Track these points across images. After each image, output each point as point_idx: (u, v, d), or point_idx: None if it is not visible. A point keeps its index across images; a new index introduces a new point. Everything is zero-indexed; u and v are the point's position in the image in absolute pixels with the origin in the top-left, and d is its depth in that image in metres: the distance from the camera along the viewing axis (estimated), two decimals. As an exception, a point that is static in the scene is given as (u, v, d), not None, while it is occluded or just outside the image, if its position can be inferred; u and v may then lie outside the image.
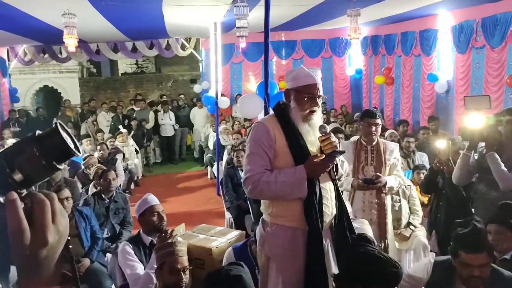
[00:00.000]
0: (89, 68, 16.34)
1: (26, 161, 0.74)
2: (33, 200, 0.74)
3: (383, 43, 10.33)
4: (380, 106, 10.73)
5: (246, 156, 2.57)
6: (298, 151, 2.50)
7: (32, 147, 0.75)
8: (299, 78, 2.52)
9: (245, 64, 12.14)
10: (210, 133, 10.08)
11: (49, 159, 0.75)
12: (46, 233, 0.73)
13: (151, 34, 10.57)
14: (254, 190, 2.49)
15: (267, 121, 2.62)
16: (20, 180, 0.74)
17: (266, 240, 2.59)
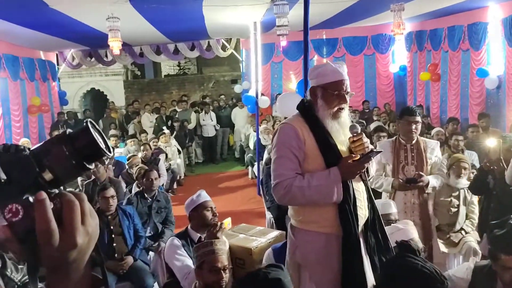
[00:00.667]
0: (133, 70, 16.78)
1: (55, 161, 0.72)
2: (62, 201, 0.72)
3: (428, 38, 9.97)
4: (426, 104, 10.38)
5: (274, 160, 2.44)
6: (329, 152, 2.39)
7: (62, 147, 0.73)
8: (326, 75, 2.40)
9: (286, 63, 12.07)
10: (250, 133, 10.09)
11: (79, 159, 0.74)
12: (75, 234, 0.71)
13: (192, 35, 10.71)
14: (285, 197, 2.36)
15: (293, 121, 2.47)
16: (50, 180, 0.73)
17: (297, 247, 2.47)
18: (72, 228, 0.71)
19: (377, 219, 2.48)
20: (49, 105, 10.76)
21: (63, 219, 0.70)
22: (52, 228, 0.68)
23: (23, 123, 9.23)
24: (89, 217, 0.74)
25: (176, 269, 2.98)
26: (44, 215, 0.68)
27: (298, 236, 2.47)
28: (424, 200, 3.58)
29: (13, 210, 0.68)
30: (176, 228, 5.07)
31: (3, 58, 8.41)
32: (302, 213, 2.45)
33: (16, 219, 0.68)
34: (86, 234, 0.72)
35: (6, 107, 8.45)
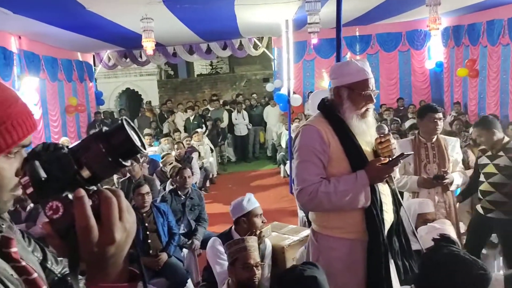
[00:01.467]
0: (166, 70, 17.05)
1: (92, 158, 0.74)
2: (100, 197, 0.73)
3: (466, 33, 9.67)
4: (463, 101, 10.08)
5: (297, 164, 2.31)
6: (355, 154, 2.27)
7: (98, 144, 0.74)
8: (351, 74, 2.28)
9: (318, 61, 11.97)
10: (282, 131, 10.08)
11: (115, 156, 0.75)
12: (114, 230, 0.72)
13: (224, 34, 10.79)
14: (311, 203, 2.26)
15: (316, 123, 2.34)
16: (88, 177, 0.74)
17: (321, 253, 2.36)
18: (110, 224, 0.72)
19: (400, 223, 2.39)
20: (85, 105, 11.08)
21: (101, 215, 0.72)
22: (92, 225, 0.70)
23: (61, 123, 9.53)
24: (127, 213, 0.75)
25: (217, 273, 2.98)
26: (84, 212, 0.70)
27: (321, 242, 2.38)
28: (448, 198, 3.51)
29: (54, 207, 0.70)
30: (210, 226, 5.13)
31: (42, 60, 8.71)
32: (325, 218, 2.36)
33: (56, 216, 0.70)
34: (123, 230, 0.74)
35: (45, 108, 8.75)
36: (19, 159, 0.89)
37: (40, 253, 1.14)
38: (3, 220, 1.00)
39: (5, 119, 0.85)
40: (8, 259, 0.92)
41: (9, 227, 1.01)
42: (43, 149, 0.75)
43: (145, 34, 6.57)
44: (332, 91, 2.40)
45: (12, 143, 0.86)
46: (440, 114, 3.52)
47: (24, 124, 0.88)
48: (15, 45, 7.56)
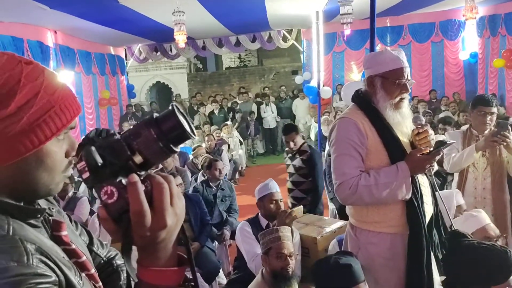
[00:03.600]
0: (195, 63, 17.20)
1: (144, 144, 0.75)
2: (152, 183, 0.74)
3: (503, 22, 9.34)
4: (498, 93, 9.77)
5: (335, 158, 2.26)
6: (394, 146, 2.22)
7: (149, 130, 0.75)
8: (385, 63, 2.22)
9: (348, 53, 11.83)
10: (312, 124, 10.03)
11: (166, 142, 0.76)
12: (165, 215, 0.74)
13: (254, 27, 10.79)
14: (351, 197, 2.20)
15: (352, 115, 2.29)
16: (140, 163, 0.75)
17: (360, 249, 2.30)
18: (162, 209, 0.74)
19: (440, 215, 2.33)
20: (117, 98, 11.31)
21: (154, 200, 0.74)
22: (145, 209, 0.72)
23: (95, 115, 9.77)
24: (177, 198, 0.77)
25: (245, 251, 3.06)
26: (137, 197, 0.71)
27: (360, 237, 2.33)
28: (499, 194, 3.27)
29: (109, 192, 0.72)
30: (240, 217, 5.17)
31: (77, 54, 8.93)
32: (364, 212, 2.31)
33: (111, 201, 0.72)
34: (174, 215, 0.75)
35: (80, 100, 8.96)
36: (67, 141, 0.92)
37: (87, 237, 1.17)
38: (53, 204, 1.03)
39: (54, 103, 0.87)
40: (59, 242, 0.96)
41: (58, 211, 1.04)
42: (96, 135, 0.77)
43: (177, 27, 6.64)
44: (366, 81, 2.36)
45: (62, 126, 0.88)
46: (493, 108, 3.28)
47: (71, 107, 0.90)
48: (51, 40, 7.78)
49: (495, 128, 3.13)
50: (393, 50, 2.30)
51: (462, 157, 3.26)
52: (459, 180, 3.42)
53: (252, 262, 2.91)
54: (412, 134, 2.27)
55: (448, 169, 3.42)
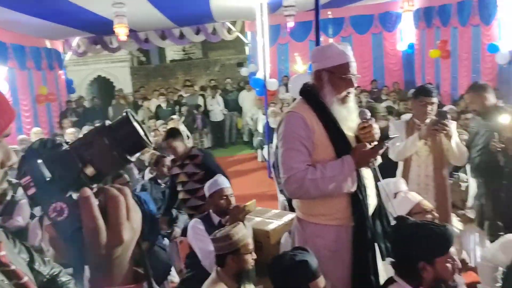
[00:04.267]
0: (138, 57, 16.74)
1: (97, 154, 0.70)
2: (107, 196, 0.69)
3: (437, 14, 9.80)
4: (435, 82, 10.25)
5: (282, 152, 2.28)
6: (339, 140, 2.26)
7: (102, 139, 0.70)
8: (331, 57, 2.25)
9: (292, 44, 11.95)
10: (259, 116, 10.07)
11: (121, 151, 0.71)
12: (122, 231, 0.68)
13: (197, 19, 10.64)
14: (299, 191, 2.24)
15: (300, 109, 2.31)
16: (92, 175, 0.70)
17: (307, 242, 2.34)
18: (118, 224, 0.68)
19: (382, 206, 2.42)
20: (56, 94, 10.76)
21: (109, 215, 0.68)
22: (100, 226, 0.66)
23: (32, 113, 9.26)
24: (134, 212, 0.72)
25: (199, 249, 3.01)
26: (91, 212, 0.66)
27: (307, 230, 2.37)
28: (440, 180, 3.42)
29: (58, 209, 0.67)
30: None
31: (10, 48, 8.40)
32: (311, 205, 2.35)
33: (61, 218, 0.66)
34: (131, 230, 0.70)
35: (15, 97, 8.47)
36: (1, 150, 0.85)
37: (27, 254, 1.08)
38: None
39: None
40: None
41: None
42: (41, 146, 0.71)
43: (117, 20, 6.41)
44: (313, 75, 2.37)
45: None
46: (434, 98, 3.40)
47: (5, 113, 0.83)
48: (-21, 33, 7.27)
49: (436, 117, 3.27)
50: (339, 44, 2.32)
51: (406, 146, 3.38)
52: (403, 168, 3.54)
53: (207, 260, 2.87)
54: (358, 128, 2.31)
55: (393, 157, 3.54)
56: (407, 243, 2.00)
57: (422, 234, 1.96)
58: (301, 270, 1.91)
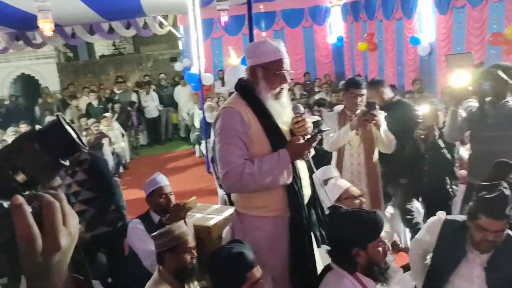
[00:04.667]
0: (65, 52, 15.92)
1: (28, 160, 0.68)
2: (42, 203, 0.67)
3: (363, 8, 10.23)
4: (364, 73, 10.72)
5: (220, 147, 2.31)
6: (275, 134, 2.33)
7: (33, 143, 0.68)
8: (266, 53, 2.30)
9: (225, 38, 11.95)
10: (195, 111, 9.99)
11: (53, 155, 0.69)
12: (59, 237, 0.67)
13: (127, 13, 10.31)
14: (237, 185, 2.28)
15: (235, 104, 2.34)
16: (24, 181, 0.68)
17: (246, 234, 2.39)
18: (55, 230, 0.67)
19: (316, 196, 2.52)
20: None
21: (44, 222, 0.67)
22: (35, 234, 0.65)
23: None
24: (70, 217, 0.70)
25: (139, 249, 2.96)
26: (24, 220, 0.64)
27: (245, 222, 2.43)
28: (371, 168, 3.62)
29: None
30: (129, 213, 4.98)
31: None
32: (249, 199, 2.41)
33: None
34: (68, 235, 0.69)
35: None
36: None
37: None
38: None
39: None
40: None
41: None
42: None
43: (41, 15, 6.07)
44: (248, 70, 2.41)
45: None
46: (363, 90, 3.56)
47: None
48: None
49: (365, 108, 3.44)
50: (273, 41, 2.38)
51: (339, 137, 3.53)
52: (337, 158, 3.69)
53: (148, 260, 2.83)
54: (292, 122, 2.38)
55: (327, 148, 3.68)
56: (340, 231, 2.10)
57: (353, 222, 2.06)
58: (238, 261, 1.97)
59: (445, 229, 2.52)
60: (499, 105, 3.44)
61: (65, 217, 0.69)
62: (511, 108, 3.40)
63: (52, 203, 0.68)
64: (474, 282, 2.39)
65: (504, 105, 3.42)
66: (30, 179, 0.69)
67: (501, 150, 3.37)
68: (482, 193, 2.30)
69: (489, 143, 3.46)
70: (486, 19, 6.65)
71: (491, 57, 6.47)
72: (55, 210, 0.68)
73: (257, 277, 1.99)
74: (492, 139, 3.44)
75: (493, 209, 2.24)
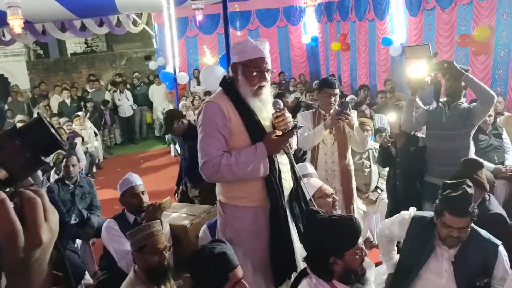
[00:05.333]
0: (35, 50, 15.53)
1: (8, 157, 0.69)
2: (23, 199, 0.69)
3: (337, 9, 10.36)
4: (337, 73, 10.86)
5: (200, 139, 2.43)
6: (254, 128, 2.42)
7: (13, 140, 0.70)
8: (246, 52, 2.40)
9: (200, 37, 11.91)
10: (170, 110, 9.92)
11: (34, 152, 0.71)
12: (40, 232, 0.68)
13: (100, 10, 10.16)
14: (214, 175, 2.38)
15: (218, 99, 2.45)
16: (5, 178, 0.69)
17: (227, 224, 2.51)
18: (36, 226, 0.68)
19: (300, 189, 2.59)
20: None
21: (26, 217, 0.68)
22: (18, 229, 0.66)
23: None
24: (51, 213, 0.72)
25: (114, 250, 2.94)
26: (7, 216, 0.65)
27: (227, 212, 2.51)
28: (345, 166, 3.70)
29: None
30: (103, 213, 4.94)
31: None
32: (230, 189, 2.49)
33: None
34: (50, 231, 0.70)
35: None
36: None
37: None
38: None
39: None
40: None
41: None
42: None
43: (10, 11, 5.92)
44: (230, 68, 2.51)
45: None
46: (336, 90, 3.65)
47: None
48: None
49: (338, 107, 3.52)
50: (256, 40, 2.46)
51: (313, 135, 3.60)
52: (311, 156, 3.76)
53: (123, 261, 2.83)
54: (272, 117, 2.48)
55: (302, 146, 3.74)
56: (317, 240, 2.11)
57: (330, 230, 2.07)
58: (221, 261, 1.98)
59: (414, 224, 2.61)
60: (454, 105, 3.66)
61: (46, 213, 0.70)
62: (464, 108, 3.62)
63: (33, 199, 0.69)
64: (443, 275, 2.48)
65: (458, 105, 3.64)
66: (11, 176, 0.70)
67: (452, 147, 3.58)
68: (447, 191, 2.41)
69: (442, 140, 3.67)
70: (454, 21, 6.84)
71: (459, 58, 6.66)
72: (36, 205, 0.69)
73: (239, 277, 2.01)
74: (445, 137, 3.65)
75: (456, 207, 2.35)
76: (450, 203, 2.37)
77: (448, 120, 3.65)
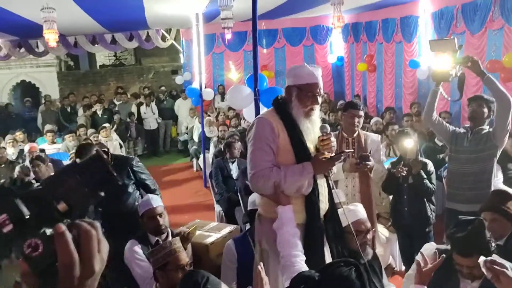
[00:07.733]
0: (66, 61, 15.99)
1: (70, 191, 0.75)
2: (79, 230, 0.73)
3: (364, 30, 10.36)
4: (362, 94, 10.81)
5: (251, 152, 2.58)
6: (300, 148, 2.55)
7: (75, 176, 0.75)
8: (301, 76, 2.55)
9: (227, 54, 12.06)
10: (194, 124, 10.03)
11: (92, 187, 0.76)
12: (94, 263, 0.73)
13: (131, 25, 10.41)
14: (262, 187, 2.52)
15: (269, 116, 2.62)
16: (65, 210, 0.74)
17: (264, 235, 2.61)
18: (91, 257, 0.73)
19: (334, 212, 2.67)
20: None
21: (82, 248, 0.72)
22: (76, 259, 0.70)
23: None
24: (103, 244, 0.76)
25: (137, 275, 2.95)
26: (67, 248, 0.69)
27: (265, 224, 2.59)
28: (366, 186, 3.69)
29: (33, 244, 0.69)
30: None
31: None
32: (270, 202, 2.58)
33: (36, 254, 0.69)
34: (101, 261, 0.75)
35: None
36: None
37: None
38: None
39: None
40: None
41: None
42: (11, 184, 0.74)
43: (46, 25, 6.11)
44: (285, 89, 2.67)
45: None
46: (361, 111, 3.73)
47: None
48: None
49: (357, 159, 3.58)
50: (311, 66, 2.59)
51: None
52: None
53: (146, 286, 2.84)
54: (318, 140, 2.58)
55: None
56: None
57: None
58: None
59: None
60: (476, 130, 3.71)
61: (99, 244, 0.75)
62: (486, 132, 3.67)
63: (89, 231, 0.74)
64: (469, 308, 2.42)
65: (480, 130, 3.70)
66: (70, 209, 0.75)
67: (475, 171, 3.63)
68: (453, 230, 2.37)
69: (464, 163, 3.69)
70: (484, 46, 6.76)
71: (488, 83, 6.55)
72: (92, 237, 0.74)
73: None
74: (467, 160, 3.68)
75: (461, 247, 2.32)
76: (455, 243, 2.36)
77: (470, 143, 3.70)
